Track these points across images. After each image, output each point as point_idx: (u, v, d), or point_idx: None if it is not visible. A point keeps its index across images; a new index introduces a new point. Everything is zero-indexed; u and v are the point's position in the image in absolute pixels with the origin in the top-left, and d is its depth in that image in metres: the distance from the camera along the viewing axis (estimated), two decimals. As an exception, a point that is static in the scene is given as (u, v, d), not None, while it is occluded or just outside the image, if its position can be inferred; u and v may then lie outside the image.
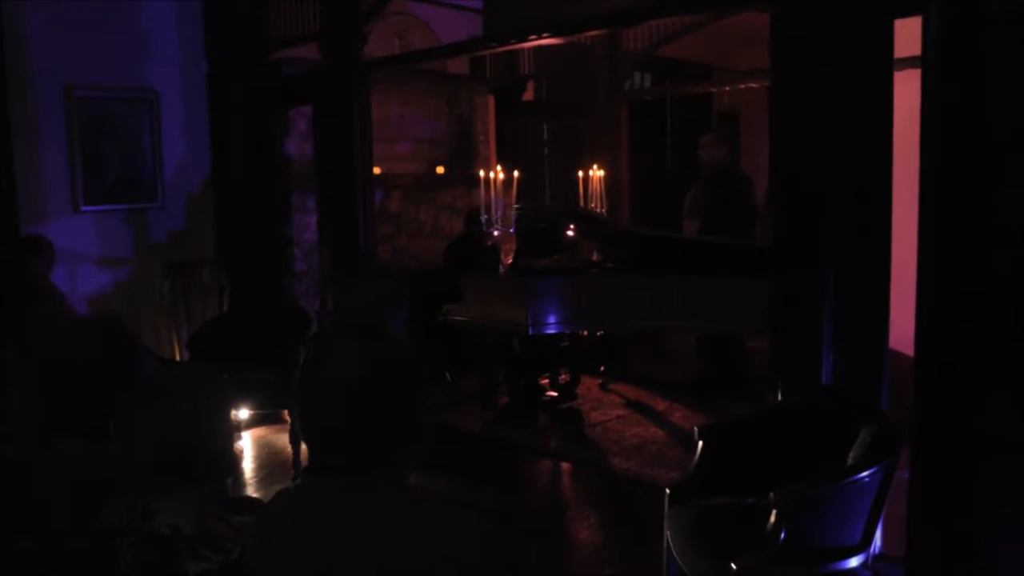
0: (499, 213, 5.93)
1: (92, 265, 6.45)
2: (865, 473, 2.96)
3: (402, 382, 1.66)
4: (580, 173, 6.78)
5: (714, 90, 9.84)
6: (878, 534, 3.22)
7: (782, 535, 2.85)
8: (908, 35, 3.52)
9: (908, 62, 3.78)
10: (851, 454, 3.15)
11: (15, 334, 2.92)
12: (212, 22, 6.95)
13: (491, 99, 8.85)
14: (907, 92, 3.56)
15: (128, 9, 6.56)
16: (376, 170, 6.56)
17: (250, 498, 3.47)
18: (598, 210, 6.68)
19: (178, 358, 6.47)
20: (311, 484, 1.67)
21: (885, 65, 3.60)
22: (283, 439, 5.70)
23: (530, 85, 9.20)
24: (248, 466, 5.57)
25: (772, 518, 2.87)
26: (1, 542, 2.18)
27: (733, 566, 2.87)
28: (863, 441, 3.15)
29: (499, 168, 6.07)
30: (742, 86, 9.04)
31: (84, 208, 6.39)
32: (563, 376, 6.56)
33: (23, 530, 2.24)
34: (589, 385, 6.82)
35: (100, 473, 2.05)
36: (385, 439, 1.62)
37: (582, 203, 6.73)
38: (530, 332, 5.61)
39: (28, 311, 3.01)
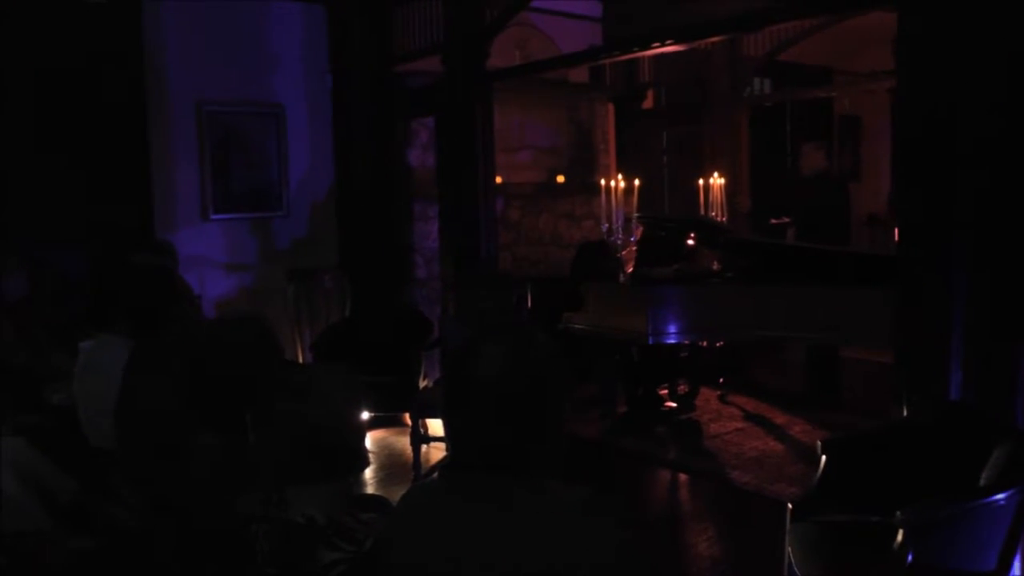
0: (619, 222, 5.91)
1: (219, 270, 6.73)
2: (1000, 495, 2.84)
3: (550, 382, 1.64)
4: (700, 181, 6.72)
5: (835, 94, 9.63)
6: (1017, 563, 3.08)
7: (909, 556, 2.76)
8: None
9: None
10: (983, 474, 3.03)
11: (161, 329, 3.07)
12: (336, 37, 7.14)
13: (611, 107, 8.84)
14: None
15: (256, 28, 6.83)
16: (497, 179, 6.63)
17: (376, 496, 3.55)
18: (718, 218, 6.61)
19: (301, 361, 6.67)
20: (450, 480, 1.67)
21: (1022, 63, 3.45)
22: (403, 441, 5.80)
23: (650, 93, 9.15)
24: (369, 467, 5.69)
25: (899, 538, 2.78)
26: (146, 525, 2.30)
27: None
28: (997, 461, 3.02)
29: (619, 176, 6.04)
30: (864, 89, 8.83)
31: (213, 216, 6.68)
32: (682, 387, 6.50)
33: (166, 515, 2.36)
34: (708, 396, 6.73)
35: (237, 464, 2.14)
36: (529, 439, 1.61)
37: (702, 211, 6.67)
38: (650, 341, 5.52)
39: (172, 309, 3.17)
